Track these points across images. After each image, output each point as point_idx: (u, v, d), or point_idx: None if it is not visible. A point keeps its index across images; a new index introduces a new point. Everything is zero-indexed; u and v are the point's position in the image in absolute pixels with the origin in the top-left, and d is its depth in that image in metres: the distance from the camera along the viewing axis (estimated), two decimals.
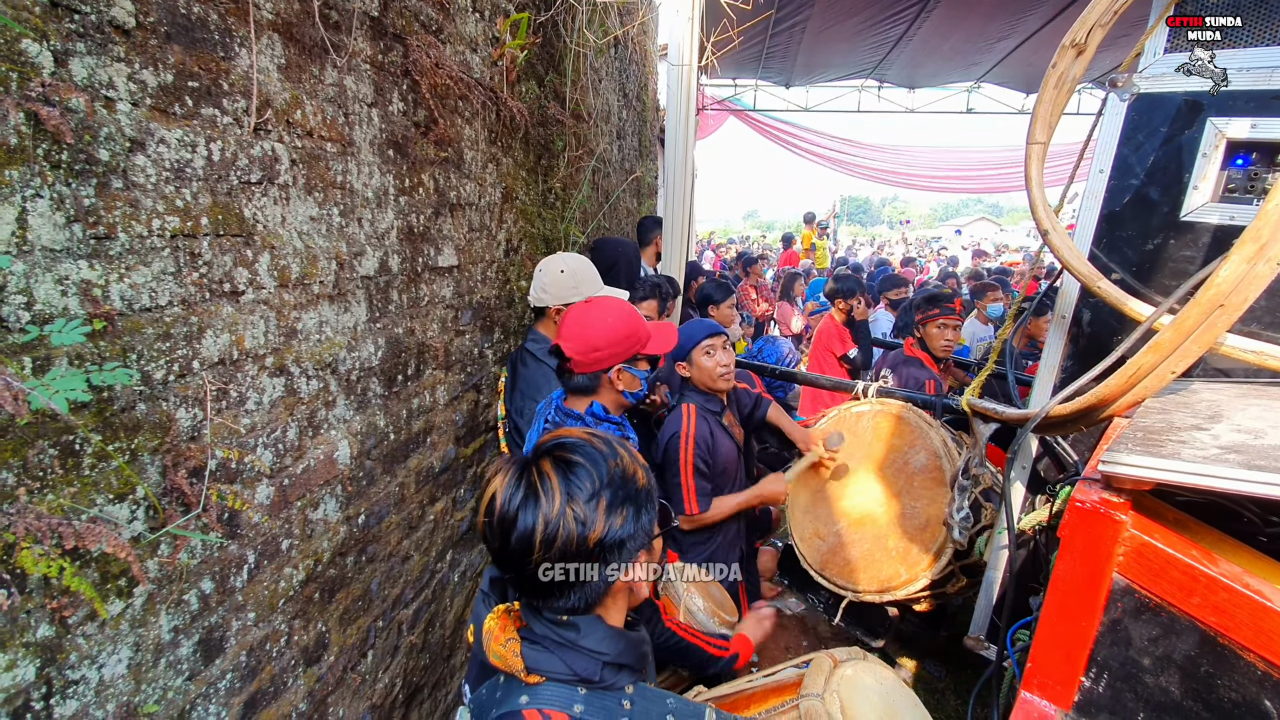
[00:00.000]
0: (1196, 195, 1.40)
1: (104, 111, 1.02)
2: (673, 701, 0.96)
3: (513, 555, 0.86)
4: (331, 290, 1.60)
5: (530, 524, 0.84)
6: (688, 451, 2.27)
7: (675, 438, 2.31)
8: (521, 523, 0.85)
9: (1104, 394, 1.16)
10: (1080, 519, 0.79)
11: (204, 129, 1.21)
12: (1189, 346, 1.04)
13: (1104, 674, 0.80)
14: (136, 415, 1.08)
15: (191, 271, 1.18)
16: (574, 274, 2.41)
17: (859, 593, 2.31)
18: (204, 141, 1.20)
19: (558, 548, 0.84)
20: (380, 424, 1.86)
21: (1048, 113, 1.44)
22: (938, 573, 2.11)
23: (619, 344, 1.63)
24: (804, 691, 1.17)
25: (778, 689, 1.26)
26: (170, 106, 1.13)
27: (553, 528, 0.84)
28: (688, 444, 2.27)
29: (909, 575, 2.19)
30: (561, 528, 0.83)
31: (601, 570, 0.87)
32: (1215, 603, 0.73)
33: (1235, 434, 0.89)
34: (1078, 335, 1.58)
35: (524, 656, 0.88)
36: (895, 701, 1.22)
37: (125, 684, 1.08)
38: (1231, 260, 0.99)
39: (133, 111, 1.07)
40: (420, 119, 1.99)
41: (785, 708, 1.19)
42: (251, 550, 1.35)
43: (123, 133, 1.05)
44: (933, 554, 2.13)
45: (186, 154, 1.17)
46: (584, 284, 2.40)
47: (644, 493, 0.92)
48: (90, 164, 1.00)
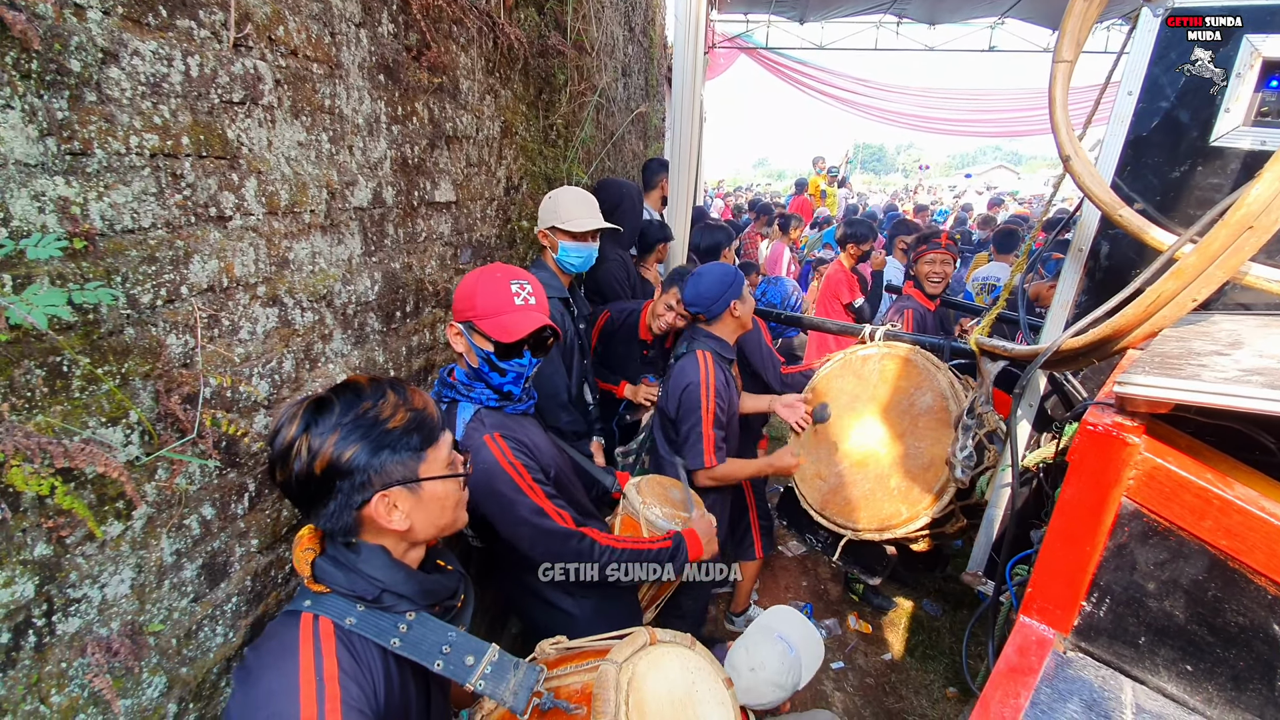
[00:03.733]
0: (1228, 119, 1.32)
1: (73, 20, 0.96)
2: (454, 635, 1.07)
3: (270, 471, 1.01)
4: (323, 220, 1.55)
5: (275, 446, 0.98)
6: (709, 400, 2.24)
7: (694, 387, 2.27)
8: (275, 444, 0.99)
9: (1120, 324, 1.12)
10: (1091, 442, 0.76)
11: (180, 42, 1.14)
12: (1213, 272, 0.99)
13: (1106, 598, 0.79)
14: (125, 339, 1.06)
15: (174, 193, 1.14)
16: (556, 200, 2.44)
17: (858, 531, 2.32)
18: (180, 55, 1.14)
19: (292, 469, 0.96)
20: (379, 360, 1.85)
21: (1076, 27, 1.34)
22: (938, 511, 2.11)
23: (459, 300, 1.59)
24: (608, 657, 1.22)
25: (604, 650, 1.29)
26: (143, 16, 1.07)
27: (283, 449, 0.97)
28: (709, 393, 2.24)
29: (909, 514, 2.19)
30: (293, 451, 0.96)
31: (338, 496, 0.98)
32: (1228, 526, 0.71)
33: (1258, 359, 0.85)
34: (1094, 269, 1.52)
35: (314, 566, 1.01)
36: (698, 691, 1.26)
37: (129, 603, 1.09)
38: (1264, 178, 0.93)
39: (104, 20, 1.01)
40: (412, 42, 1.90)
41: (588, 667, 1.25)
42: (252, 479, 1.36)
43: (94, 43, 0.99)
44: (934, 493, 2.12)
45: (163, 68, 1.11)
46: (562, 209, 2.41)
47: (391, 433, 1.00)
48: (62, 75, 0.95)
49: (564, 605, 1.76)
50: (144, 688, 1.13)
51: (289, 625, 0.97)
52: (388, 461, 1.00)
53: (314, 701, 0.88)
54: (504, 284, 1.57)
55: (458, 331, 1.58)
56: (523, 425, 1.68)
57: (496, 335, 1.54)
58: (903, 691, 3.18)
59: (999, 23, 8.84)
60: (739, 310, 2.41)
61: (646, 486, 2.11)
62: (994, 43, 9.21)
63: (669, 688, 1.27)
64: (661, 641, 1.36)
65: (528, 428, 1.70)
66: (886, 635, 3.59)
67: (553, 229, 2.42)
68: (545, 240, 2.47)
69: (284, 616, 1.01)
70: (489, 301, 1.54)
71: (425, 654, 1.04)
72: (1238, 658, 0.73)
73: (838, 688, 3.19)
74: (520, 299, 1.58)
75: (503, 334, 1.54)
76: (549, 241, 2.46)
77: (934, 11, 8.46)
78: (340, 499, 0.98)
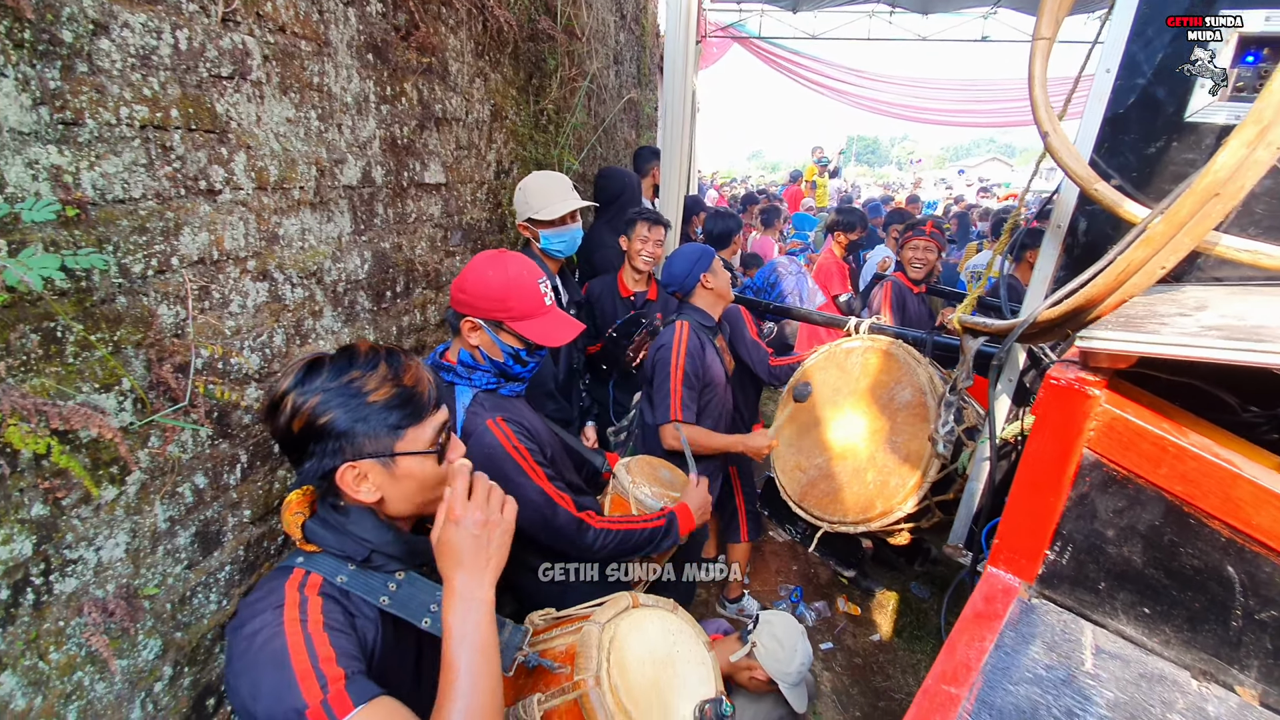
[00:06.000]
0: (1202, 94, 1.34)
1: None
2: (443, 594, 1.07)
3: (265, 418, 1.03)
4: (313, 197, 1.57)
5: (271, 395, 1.01)
6: (679, 358, 2.32)
7: (665, 348, 2.36)
8: (271, 393, 1.01)
9: (1092, 294, 1.14)
10: (1054, 395, 0.79)
11: (169, 15, 1.16)
12: (1181, 239, 1.01)
13: (1068, 547, 0.82)
14: (117, 308, 1.08)
15: (164, 165, 1.16)
16: (526, 190, 2.43)
17: (834, 524, 2.35)
18: (170, 29, 1.16)
19: (278, 421, 1.00)
20: (370, 338, 1.86)
21: (1055, 5, 1.37)
22: (914, 505, 2.15)
23: (482, 299, 1.51)
24: (592, 619, 1.26)
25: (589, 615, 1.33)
26: None
27: (274, 401, 1.00)
28: (679, 354, 2.33)
29: (884, 508, 2.22)
30: (281, 405, 0.99)
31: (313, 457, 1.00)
32: (1183, 473, 0.74)
33: (1219, 318, 0.88)
34: (1072, 245, 1.55)
35: (305, 528, 1.04)
36: (678, 651, 1.30)
37: (124, 567, 1.12)
38: (1230, 145, 0.95)
39: None
40: (400, 22, 1.91)
41: (573, 629, 1.28)
42: (244, 450, 1.38)
43: (85, 14, 1.01)
44: (910, 486, 2.16)
45: (152, 40, 1.12)
46: (534, 198, 2.40)
47: (370, 406, 1.01)
48: (54, 45, 0.96)
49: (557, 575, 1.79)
50: (140, 649, 1.15)
51: (279, 576, 1.00)
52: (361, 433, 1.00)
53: (298, 625, 0.90)
54: (532, 284, 1.55)
55: (475, 326, 1.54)
56: (518, 407, 1.70)
57: (538, 339, 1.54)
58: (890, 671, 3.23)
59: (992, 12, 8.83)
60: (711, 282, 2.50)
61: (636, 466, 2.13)
62: (986, 32, 9.20)
63: (650, 648, 1.30)
64: (644, 605, 1.39)
65: (523, 410, 1.72)
66: (875, 617, 3.63)
67: (530, 220, 2.42)
68: (526, 233, 2.47)
69: (275, 570, 1.03)
70: (523, 304, 1.52)
71: (413, 612, 1.06)
72: (1193, 599, 0.77)
73: (826, 668, 3.23)
74: (549, 299, 1.58)
75: (545, 339, 1.54)
76: (529, 234, 2.46)
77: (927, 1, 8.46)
78: (315, 461, 1.00)
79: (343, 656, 0.90)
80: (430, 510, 1.14)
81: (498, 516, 1.05)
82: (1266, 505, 0.70)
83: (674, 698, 1.27)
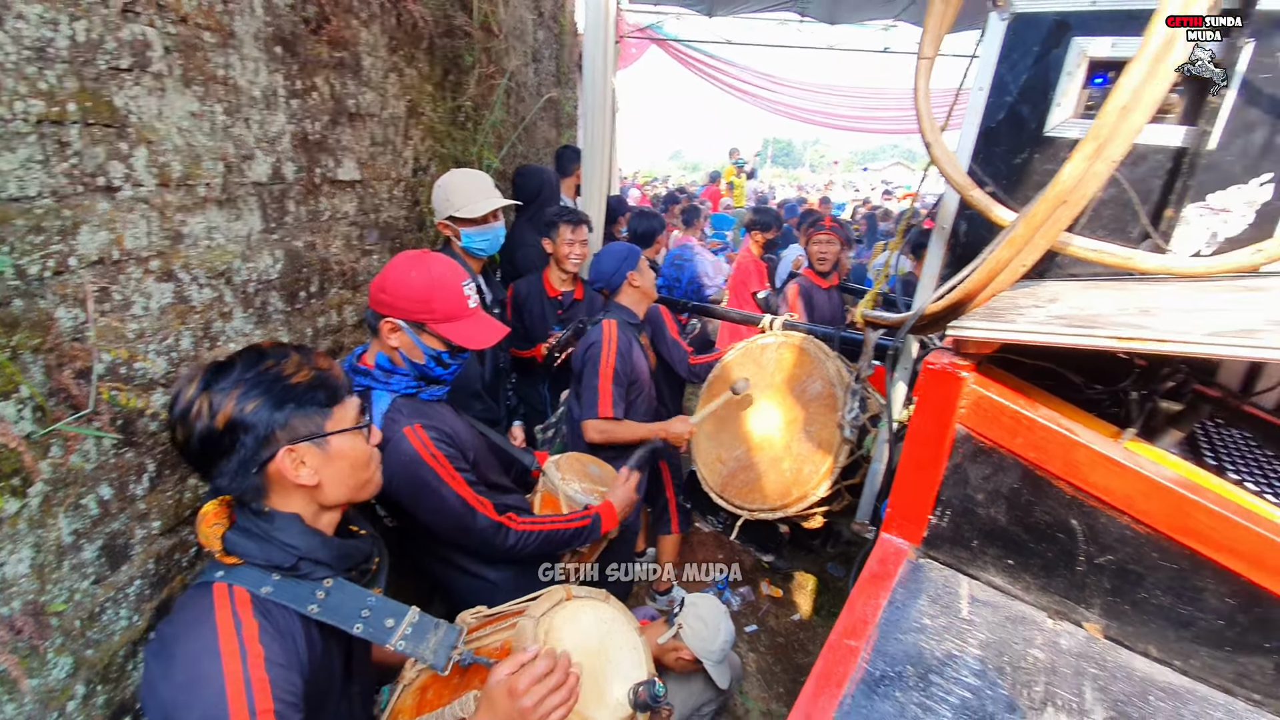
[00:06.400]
0: (1059, 112, 1.53)
1: None
2: (374, 599, 1.10)
3: (171, 434, 1.00)
4: (219, 194, 1.51)
5: (175, 407, 0.98)
6: (609, 356, 2.38)
7: (595, 346, 2.41)
8: (175, 406, 0.98)
9: (968, 289, 1.28)
10: (931, 379, 0.90)
11: (66, 5, 1.10)
12: (1037, 240, 1.16)
13: (947, 511, 0.94)
14: (14, 312, 1.02)
15: (60, 161, 1.10)
16: (446, 187, 2.39)
17: (753, 512, 2.49)
18: (67, 20, 1.10)
19: (193, 428, 0.97)
20: (283, 339, 1.81)
21: (936, 26, 1.52)
22: (826, 491, 2.31)
23: (404, 299, 1.50)
24: (526, 613, 1.31)
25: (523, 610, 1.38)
26: None
27: (184, 409, 0.97)
28: (609, 352, 2.39)
29: (799, 494, 2.37)
30: (193, 410, 0.96)
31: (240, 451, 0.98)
32: (1034, 441, 0.86)
33: (1066, 309, 1.03)
34: (955, 244, 1.72)
35: (225, 540, 1.00)
36: (611, 642, 1.37)
37: (29, 583, 1.06)
38: (1074, 159, 1.11)
39: None
40: (310, 15, 1.86)
41: (508, 625, 1.35)
42: (151, 459, 1.32)
43: None
44: (823, 472, 2.32)
45: (48, 32, 1.07)
46: (455, 195, 2.37)
47: (294, 387, 1.01)
48: None
49: (486, 575, 1.80)
50: (50, 668, 1.09)
51: (202, 595, 0.97)
52: (292, 415, 1.00)
53: (237, 659, 0.89)
54: (456, 286, 1.53)
55: (396, 328, 1.52)
56: (439, 412, 1.68)
57: (462, 342, 1.53)
58: (811, 648, 3.41)
59: (892, 25, 9.39)
60: (638, 280, 2.59)
61: (565, 463, 2.17)
62: (888, 44, 9.76)
63: (584, 638, 1.35)
64: (577, 597, 1.44)
65: (444, 414, 1.70)
66: (796, 598, 3.82)
67: (451, 219, 2.38)
68: (447, 231, 2.43)
69: (195, 589, 1.00)
70: (446, 306, 1.51)
71: (344, 618, 1.06)
72: (1046, 549, 0.90)
73: (752, 649, 3.38)
74: (473, 301, 1.57)
75: (469, 341, 1.53)
76: (450, 232, 2.42)
77: (834, 11, 8.88)
78: (243, 454, 0.98)
79: (281, 706, 0.89)
80: (367, 495, 1.15)
81: (552, 711, 1.04)
82: (1099, 466, 0.83)
83: (608, 684, 1.33)
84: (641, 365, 2.59)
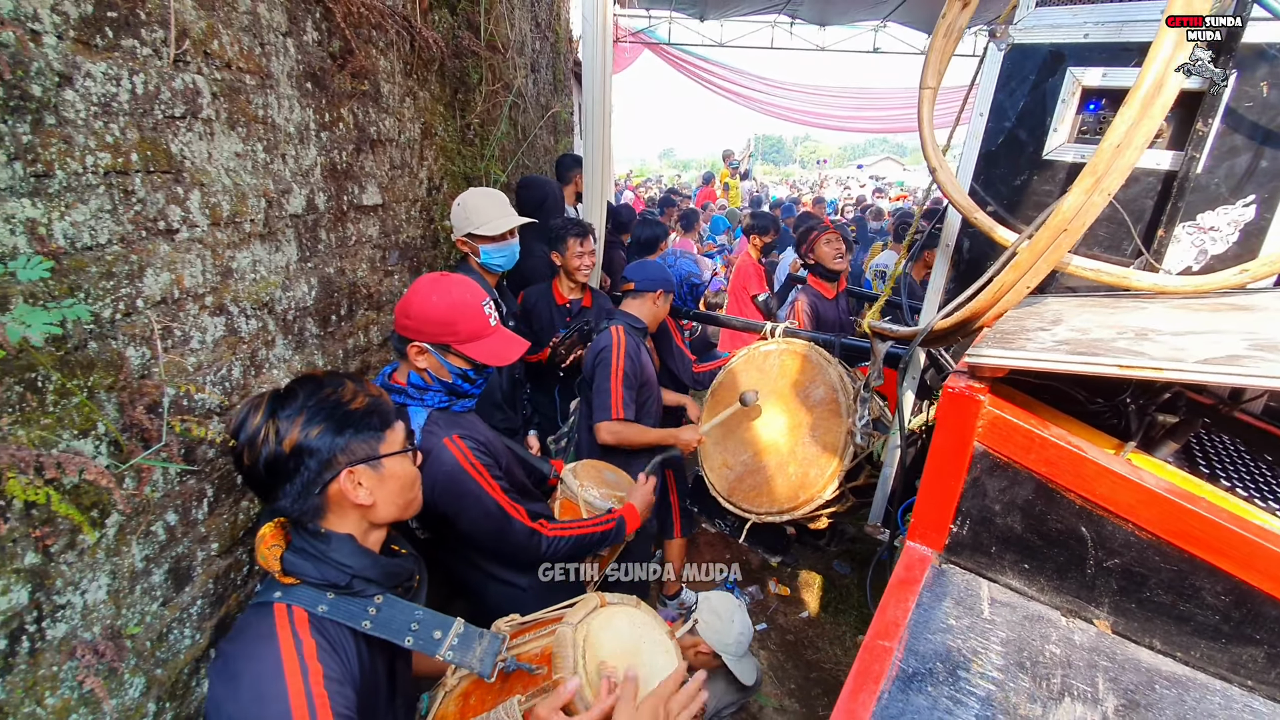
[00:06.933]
0: (1056, 137, 1.62)
1: (33, 45, 0.99)
2: (421, 613, 1.16)
3: (236, 460, 1.05)
4: (262, 229, 1.59)
5: (241, 435, 1.04)
6: (619, 360, 2.46)
7: (605, 350, 2.50)
8: (240, 433, 1.04)
9: (975, 308, 1.38)
10: (951, 401, 0.99)
11: (126, 61, 1.17)
12: (1040, 265, 1.25)
13: (967, 520, 1.03)
14: (89, 353, 1.09)
15: (127, 209, 1.17)
16: (466, 206, 2.49)
17: (761, 515, 2.57)
18: (127, 74, 1.17)
19: (260, 453, 1.02)
20: (319, 363, 1.89)
21: (938, 60, 1.61)
22: (833, 493, 2.39)
23: (428, 323, 1.55)
24: (564, 620, 1.37)
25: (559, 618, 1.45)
26: (92, 38, 1.10)
27: (250, 436, 1.03)
28: (619, 355, 2.48)
29: (805, 497, 2.45)
30: (260, 436, 1.02)
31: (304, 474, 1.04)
32: (1046, 457, 0.95)
33: (1069, 332, 1.12)
34: (959, 261, 1.81)
35: (283, 560, 1.06)
36: (644, 644, 1.43)
37: (107, 608, 1.13)
38: (1074, 191, 1.20)
39: (59, 45, 1.04)
40: (335, 49, 1.93)
41: (546, 632, 1.41)
42: (210, 484, 1.39)
43: (51, 67, 1.02)
44: (830, 474, 2.40)
45: (112, 88, 1.14)
46: (475, 215, 2.46)
47: (353, 414, 1.08)
48: (24, 100, 0.98)
49: (518, 582, 1.88)
50: (127, 688, 1.17)
51: (263, 615, 1.02)
52: (352, 440, 1.07)
53: (299, 677, 0.95)
54: (477, 306, 1.60)
55: (422, 351, 1.57)
56: (471, 423, 1.76)
57: (486, 360, 1.59)
58: (819, 644, 3.51)
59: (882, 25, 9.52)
60: (659, 301, 2.70)
61: (582, 470, 2.25)
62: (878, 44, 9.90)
63: (620, 642, 1.43)
64: (610, 604, 1.52)
65: (476, 424, 1.78)
66: (803, 596, 3.91)
67: (470, 236, 2.47)
68: (465, 247, 2.52)
69: (255, 608, 1.05)
70: (469, 326, 1.57)
71: (395, 632, 1.12)
72: (1058, 554, 0.98)
73: (762, 647, 3.47)
74: (494, 319, 1.64)
75: (493, 359, 1.59)
76: (469, 248, 2.51)
77: (824, 13, 9.00)
78: (306, 476, 1.04)
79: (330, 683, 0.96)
80: (411, 513, 1.22)
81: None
82: (1105, 478, 0.92)
83: (644, 684, 1.41)
84: (649, 367, 2.69)
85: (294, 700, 0.93)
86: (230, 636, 1.04)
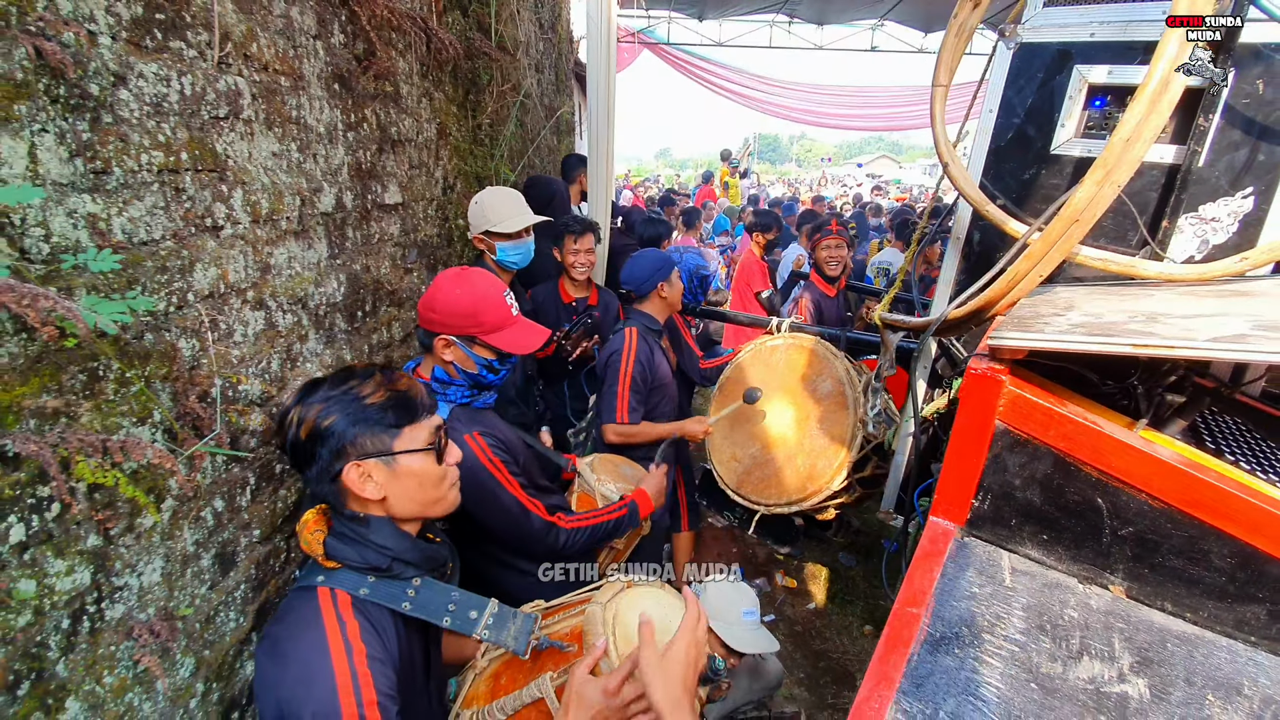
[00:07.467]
0: (1063, 132, 1.68)
1: (89, 46, 1.03)
2: (458, 594, 1.20)
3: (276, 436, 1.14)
4: (296, 226, 1.64)
5: (279, 416, 1.12)
6: (628, 365, 2.50)
7: (616, 354, 2.54)
8: (280, 415, 1.12)
9: (989, 297, 1.43)
10: (974, 382, 1.04)
11: (174, 62, 1.22)
12: (1052, 255, 1.31)
13: (988, 495, 1.08)
14: (145, 344, 1.14)
15: (179, 206, 1.22)
16: (483, 204, 2.55)
17: (770, 507, 2.62)
18: (176, 75, 1.22)
19: (286, 435, 1.10)
20: (347, 358, 1.94)
21: (949, 58, 1.66)
22: (841, 484, 2.44)
23: (454, 316, 1.58)
24: (594, 600, 1.42)
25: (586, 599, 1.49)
26: (142, 39, 1.15)
27: (281, 417, 1.11)
28: (628, 360, 2.51)
29: (815, 488, 2.50)
30: (288, 419, 1.10)
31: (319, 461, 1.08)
32: (1064, 433, 1.01)
33: (1083, 317, 1.17)
34: (969, 253, 1.87)
35: (325, 545, 1.09)
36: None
37: (161, 590, 1.18)
38: (1085, 184, 1.26)
39: (113, 45, 1.08)
40: (359, 51, 1.98)
41: (575, 613, 1.45)
42: (252, 472, 1.44)
43: (107, 67, 1.07)
44: (838, 465, 2.46)
45: (162, 88, 1.19)
46: (492, 212, 2.52)
47: (367, 408, 1.10)
48: (84, 99, 1.02)
49: (536, 571, 1.93)
50: (178, 668, 1.22)
51: (307, 598, 1.06)
52: (362, 433, 1.08)
53: (344, 657, 0.99)
54: (499, 297, 1.63)
55: (449, 343, 1.60)
56: (491, 419, 1.79)
57: (511, 349, 1.62)
58: (827, 634, 3.56)
59: (879, 24, 9.59)
60: (666, 292, 2.69)
61: (599, 464, 2.30)
62: (875, 43, 9.98)
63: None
64: (637, 584, 1.57)
65: (496, 421, 1.82)
66: (810, 587, 3.97)
67: (487, 233, 2.53)
68: (481, 245, 2.58)
69: (298, 592, 1.09)
70: (494, 317, 1.61)
71: (433, 612, 1.16)
72: (1075, 525, 1.04)
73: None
74: (515, 309, 1.68)
75: (519, 347, 1.63)
76: (485, 245, 2.57)
77: (822, 12, 9.07)
78: (321, 463, 1.07)
79: (383, 698, 0.99)
80: (444, 511, 1.23)
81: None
82: (1120, 452, 0.98)
83: None
84: (664, 369, 2.71)
85: (340, 679, 0.97)
86: (276, 619, 1.07)
